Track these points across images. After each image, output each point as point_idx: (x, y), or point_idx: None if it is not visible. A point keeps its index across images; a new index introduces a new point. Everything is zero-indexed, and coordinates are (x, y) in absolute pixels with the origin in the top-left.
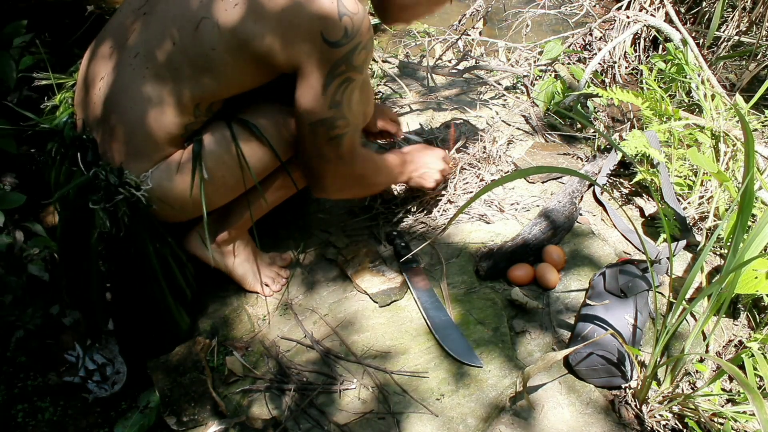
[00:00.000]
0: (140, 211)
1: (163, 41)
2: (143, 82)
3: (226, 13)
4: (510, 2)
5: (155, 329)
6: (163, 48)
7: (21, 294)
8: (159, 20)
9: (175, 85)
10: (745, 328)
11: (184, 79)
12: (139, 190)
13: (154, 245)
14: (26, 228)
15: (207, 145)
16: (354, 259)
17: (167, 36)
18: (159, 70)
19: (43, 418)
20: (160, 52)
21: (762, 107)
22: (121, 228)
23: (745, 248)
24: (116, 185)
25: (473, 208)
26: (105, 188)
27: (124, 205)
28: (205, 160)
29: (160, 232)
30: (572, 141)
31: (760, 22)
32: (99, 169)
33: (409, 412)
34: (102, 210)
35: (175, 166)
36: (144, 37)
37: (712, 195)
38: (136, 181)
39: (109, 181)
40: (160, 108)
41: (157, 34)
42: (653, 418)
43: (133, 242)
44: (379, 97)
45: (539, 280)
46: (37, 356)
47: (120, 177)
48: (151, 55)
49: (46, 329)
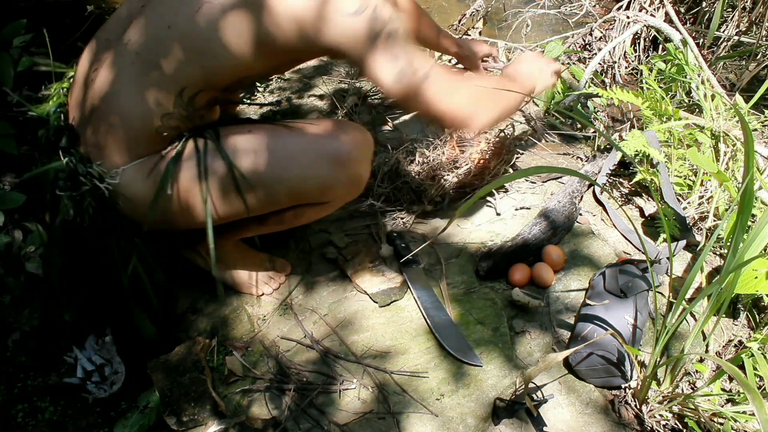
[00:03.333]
0: (105, 204)
1: (159, 27)
2: (130, 69)
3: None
4: (510, 2)
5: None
6: (156, 34)
7: (19, 294)
8: (157, 10)
9: (161, 70)
10: (745, 328)
11: (172, 64)
12: (102, 182)
13: (118, 241)
14: (25, 228)
15: (184, 162)
16: (354, 259)
17: (163, 22)
18: (148, 56)
19: (43, 418)
20: (153, 38)
21: (762, 107)
22: (84, 219)
23: (745, 248)
24: (82, 173)
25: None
26: (72, 176)
27: (90, 195)
28: (177, 179)
29: (127, 231)
30: (572, 141)
31: (760, 22)
32: (70, 157)
33: (408, 412)
34: (67, 198)
35: (147, 169)
36: (139, 27)
37: (712, 195)
38: (100, 173)
39: (76, 169)
40: (140, 95)
41: (154, 22)
42: (653, 418)
43: (95, 234)
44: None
45: (536, 280)
46: (37, 356)
47: (86, 166)
48: (142, 42)
49: (44, 329)
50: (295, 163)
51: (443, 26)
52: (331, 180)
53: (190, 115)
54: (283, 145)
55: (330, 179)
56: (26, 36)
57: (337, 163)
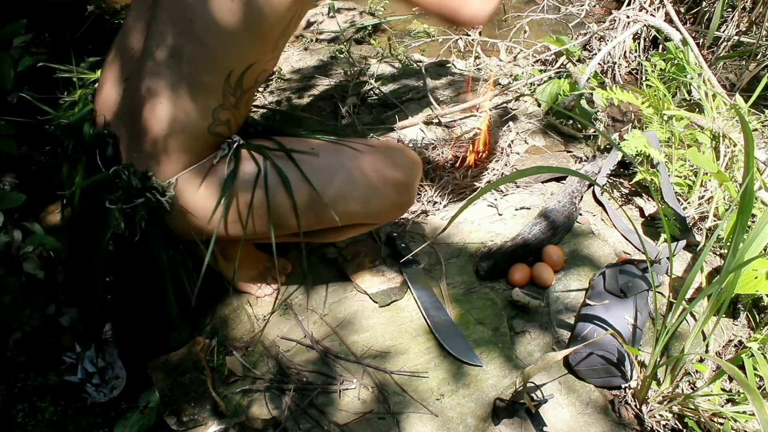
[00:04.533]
0: (159, 217)
1: (180, 24)
2: (166, 73)
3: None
4: (510, 2)
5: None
6: (181, 32)
7: (20, 294)
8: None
9: (199, 65)
10: (745, 328)
11: (208, 55)
12: (164, 195)
13: (168, 252)
14: (25, 228)
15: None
16: (354, 259)
17: (183, 17)
18: (181, 55)
19: (43, 418)
20: (179, 36)
21: (762, 107)
22: (135, 231)
23: (745, 248)
24: (139, 188)
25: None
26: (125, 189)
27: (144, 208)
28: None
29: (175, 240)
30: (572, 141)
31: (760, 22)
32: (121, 169)
33: (408, 412)
34: (118, 211)
35: (200, 178)
36: (160, 30)
37: (712, 195)
38: (162, 186)
39: (130, 182)
40: (185, 97)
41: (172, 21)
42: (653, 418)
43: (146, 247)
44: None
45: (536, 280)
46: (37, 356)
47: (144, 180)
48: (171, 44)
49: (44, 329)
50: (356, 188)
51: (443, 27)
52: (388, 205)
53: (239, 102)
54: (344, 170)
55: (387, 205)
56: (26, 36)
57: (396, 190)
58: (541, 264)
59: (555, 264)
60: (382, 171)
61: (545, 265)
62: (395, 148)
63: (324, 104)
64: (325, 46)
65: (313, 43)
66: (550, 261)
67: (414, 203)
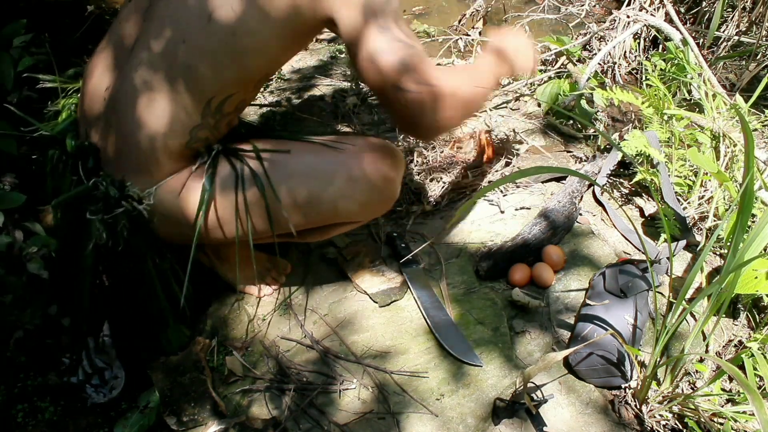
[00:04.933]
0: (141, 226)
1: (173, 43)
2: (150, 87)
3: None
4: (510, 2)
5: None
6: (174, 51)
7: (21, 293)
8: (165, 25)
9: (183, 85)
10: (745, 328)
11: (194, 78)
12: (141, 203)
13: (153, 260)
14: (26, 228)
15: (218, 180)
16: (354, 259)
17: (177, 37)
18: (168, 73)
19: (43, 418)
20: (169, 55)
21: (762, 107)
22: (118, 241)
23: (745, 248)
24: (117, 197)
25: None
26: (104, 199)
27: (124, 218)
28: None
29: (160, 247)
30: (572, 141)
31: (760, 22)
32: (100, 180)
33: (408, 412)
34: (99, 221)
35: (179, 186)
36: (150, 45)
37: (712, 195)
38: (139, 195)
39: (108, 192)
40: (166, 112)
41: (165, 39)
42: (653, 418)
43: (131, 256)
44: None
45: (536, 280)
46: (37, 356)
47: (121, 189)
48: (158, 61)
49: (45, 329)
50: (333, 187)
51: (443, 26)
52: (368, 201)
53: (218, 123)
54: (321, 168)
55: (366, 201)
56: (26, 36)
57: (374, 186)
58: (541, 264)
59: (555, 264)
60: (364, 167)
61: (545, 265)
62: (377, 144)
63: (324, 104)
64: (325, 46)
65: (313, 43)
66: (550, 261)
67: (397, 199)
